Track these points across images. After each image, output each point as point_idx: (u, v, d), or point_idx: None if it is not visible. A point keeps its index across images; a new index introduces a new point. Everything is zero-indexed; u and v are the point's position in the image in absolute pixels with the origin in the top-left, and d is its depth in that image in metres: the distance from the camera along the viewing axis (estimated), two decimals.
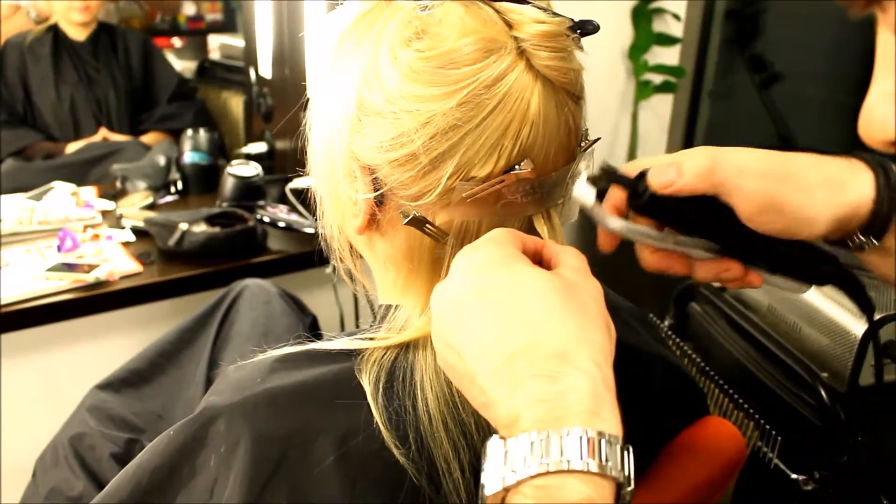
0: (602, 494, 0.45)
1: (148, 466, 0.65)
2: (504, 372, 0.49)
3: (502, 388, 0.49)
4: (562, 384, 0.47)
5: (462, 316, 0.52)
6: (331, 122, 0.64)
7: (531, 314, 0.50)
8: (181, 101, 2.61)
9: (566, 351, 0.48)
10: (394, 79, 0.59)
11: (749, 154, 0.58)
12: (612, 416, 0.47)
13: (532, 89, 0.58)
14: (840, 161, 0.59)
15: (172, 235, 1.67)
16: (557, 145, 0.61)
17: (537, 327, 0.50)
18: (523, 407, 0.47)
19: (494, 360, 0.49)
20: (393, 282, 0.69)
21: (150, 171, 2.06)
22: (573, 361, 0.48)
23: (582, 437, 0.45)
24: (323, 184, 0.69)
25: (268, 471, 0.60)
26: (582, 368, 0.48)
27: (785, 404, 1.14)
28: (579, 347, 0.49)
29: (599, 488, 0.45)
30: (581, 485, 0.44)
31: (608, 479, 0.45)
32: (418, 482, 0.61)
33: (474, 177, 0.59)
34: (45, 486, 1.16)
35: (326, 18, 0.67)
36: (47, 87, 2.41)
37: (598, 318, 0.52)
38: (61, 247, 1.67)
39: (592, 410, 0.46)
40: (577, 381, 0.47)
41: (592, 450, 0.45)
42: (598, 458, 0.44)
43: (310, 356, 0.67)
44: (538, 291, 0.51)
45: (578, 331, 0.50)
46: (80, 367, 1.64)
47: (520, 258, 0.54)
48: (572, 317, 0.50)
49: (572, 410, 0.46)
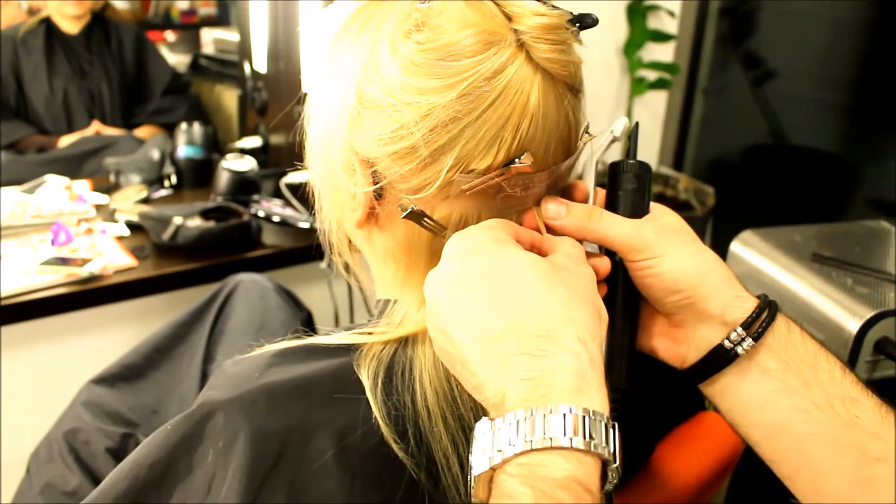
0: (586, 471, 0.45)
1: (145, 462, 0.64)
2: (491, 352, 0.50)
3: (490, 368, 0.49)
4: (546, 362, 0.48)
5: (451, 299, 0.53)
6: (329, 116, 0.64)
7: (516, 295, 0.51)
8: (175, 95, 2.60)
9: (550, 329, 0.49)
10: (393, 71, 0.59)
11: (629, 223, 0.62)
12: (598, 394, 0.47)
13: (532, 82, 0.58)
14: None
15: (167, 229, 1.67)
16: (557, 138, 0.61)
17: (522, 307, 0.50)
18: (509, 385, 0.48)
19: (482, 341, 0.50)
20: (392, 276, 0.69)
21: (143, 165, 2.05)
22: (558, 339, 0.49)
23: (566, 415, 0.45)
24: (321, 178, 0.68)
25: (266, 466, 0.59)
26: (566, 346, 0.48)
27: None
28: (564, 326, 0.50)
29: (584, 465, 0.45)
30: (565, 461, 0.45)
31: (593, 455, 0.45)
32: (417, 477, 0.61)
33: (474, 169, 0.59)
34: (39, 482, 1.15)
35: (324, 11, 0.66)
36: (40, 80, 2.40)
37: (587, 299, 0.53)
38: (55, 240, 1.66)
39: (577, 388, 0.47)
40: (561, 358, 0.48)
41: (576, 426, 0.45)
42: (583, 435, 0.45)
43: (308, 351, 0.67)
44: (524, 272, 0.52)
45: (564, 310, 0.51)
46: (73, 362, 1.63)
47: (508, 241, 0.55)
48: (558, 297, 0.51)
49: (556, 388, 0.47)
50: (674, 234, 0.62)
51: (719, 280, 0.61)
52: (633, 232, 0.61)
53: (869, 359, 1.10)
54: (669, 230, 0.62)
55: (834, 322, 1.12)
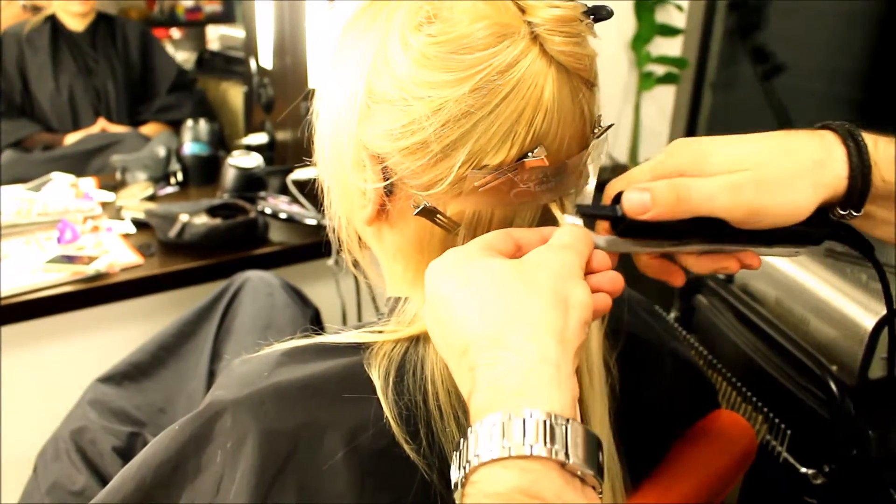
0: (533, 479, 0.43)
1: (152, 462, 0.64)
2: (461, 369, 0.50)
3: (465, 383, 0.50)
4: (497, 369, 0.47)
5: (430, 321, 0.54)
6: (338, 111, 0.63)
7: (472, 306, 0.51)
8: (181, 92, 2.60)
9: (501, 334, 0.49)
10: (404, 64, 0.57)
11: (714, 180, 0.56)
12: (546, 390, 0.46)
13: (546, 75, 0.57)
14: (810, 139, 0.58)
15: (173, 227, 1.66)
16: (571, 132, 0.60)
17: (477, 317, 0.50)
18: (472, 400, 0.48)
19: (454, 361, 0.51)
20: (402, 273, 0.68)
21: (149, 163, 2.05)
22: (507, 344, 0.48)
23: (494, 425, 0.44)
24: (330, 174, 0.67)
25: (276, 466, 0.59)
26: (515, 348, 0.48)
27: (794, 397, 1.13)
28: (514, 328, 0.49)
29: (529, 473, 0.44)
30: (507, 472, 0.44)
31: (539, 460, 0.44)
32: (429, 478, 0.60)
33: (487, 165, 0.58)
34: (46, 481, 1.15)
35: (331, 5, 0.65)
36: (46, 78, 2.39)
37: (544, 291, 0.51)
38: (61, 238, 1.66)
39: (519, 391, 0.46)
40: (509, 363, 0.47)
41: (508, 433, 0.44)
42: (514, 440, 0.44)
43: (317, 350, 0.66)
44: (479, 282, 0.52)
45: (516, 309, 0.50)
46: (80, 361, 1.63)
47: (476, 255, 0.54)
48: (509, 297, 0.50)
49: (502, 395, 0.46)
50: (774, 180, 0.56)
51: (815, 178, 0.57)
52: (731, 201, 0.56)
53: (884, 356, 1.09)
54: (762, 174, 0.56)
55: (849, 318, 1.11)
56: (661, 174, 0.58)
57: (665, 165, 0.59)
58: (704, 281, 1.38)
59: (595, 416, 0.65)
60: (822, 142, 0.57)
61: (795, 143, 0.58)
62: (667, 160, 0.59)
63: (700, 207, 0.56)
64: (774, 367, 1.17)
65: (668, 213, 0.56)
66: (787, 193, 0.56)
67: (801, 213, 0.57)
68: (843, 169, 0.57)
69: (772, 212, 0.56)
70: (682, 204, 0.55)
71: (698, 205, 0.56)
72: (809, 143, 0.58)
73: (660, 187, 0.56)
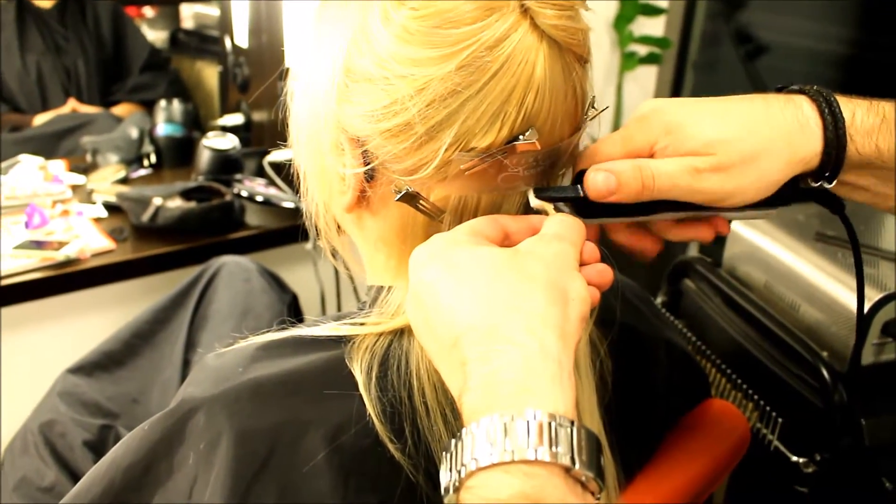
0: (536, 484, 0.41)
1: (122, 464, 0.61)
2: (450, 363, 0.47)
3: (454, 378, 0.47)
4: (493, 363, 0.44)
5: (413, 310, 0.51)
6: (315, 91, 0.60)
7: (463, 295, 0.48)
8: (154, 72, 2.55)
9: (495, 325, 0.45)
10: (386, 40, 0.54)
11: (679, 165, 0.56)
12: (550, 388, 0.43)
13: (537, 51, 0.54)
14: (785, 108, 0.57)
15: (146, 211, 1.63)
16: (564, 113, 0.57)
17: (469, 307, 0.47)
18: (463, 398, 0.45)
19: (442, 354, 0.48)
20: (384, 263, 0.65)
21: (122, 144, 2.00)
22: (503, 335, 0.45)
23: (495, 427, 0.41)
24: (307, 158, 0.64)
25: (253, 468, 0.55)
26: (513, 341, 0.45)
27: (784, 384, 1.11)
28: (510, 319, 0.46)
29: (532, 478, 0.41)
30: (509, 478, 0.41)
31: (541, 464, 0.41)
32: (415, 479, 0.57)
33: (474, 147, 0.54)
34: (13, 476, 1.12)
35: None
36: (12, 56, 2.33)
37: (541, 283, 0.48)
38: (29, 223, 1.61)
39: (519, 388, 0.43)
40: (507, 357, 0.44)
41: (511, 435, 0.41)
42: (518, 443, 0.41)
43: (295, 343, 0.62)
44: (471, 270, 0.49)
45: (511, 300, 0.47)
46: (49, 350, 1.59)
47: (464, 241, 0.51)
48: (503, 287, 0.47)
49: (501, 393, 0.43)
50: (742, 162, 0.56)
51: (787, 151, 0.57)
52: (695, 188, 0.56)
53: (876, 341, 1.08)
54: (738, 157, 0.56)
55: (840, 304, 1.10)
56: (632, 150, 0.58)
57: (635, 141, 0.58)
58: (692, 265, 1.36)
59: (584, 410, 0.62)
60: (798, 113, 0.57)
61: (770, 114, 0.57)
62: (637, 134, 0.58)
63: (664, 194, 0.56)
64: (764, 353, 1.16)
65: (632, 199, 0.56)
66: (755, 173, 0.56)
67: (769, 190, 0.57)
68: (818, 144, 0.57)
69: (739, 195, 0.57)
70: (646, 191, 0.56)
71: (662, 192, 0.56)
72: (784, 113, 0.57)
73: (626, 172, 0.56)
